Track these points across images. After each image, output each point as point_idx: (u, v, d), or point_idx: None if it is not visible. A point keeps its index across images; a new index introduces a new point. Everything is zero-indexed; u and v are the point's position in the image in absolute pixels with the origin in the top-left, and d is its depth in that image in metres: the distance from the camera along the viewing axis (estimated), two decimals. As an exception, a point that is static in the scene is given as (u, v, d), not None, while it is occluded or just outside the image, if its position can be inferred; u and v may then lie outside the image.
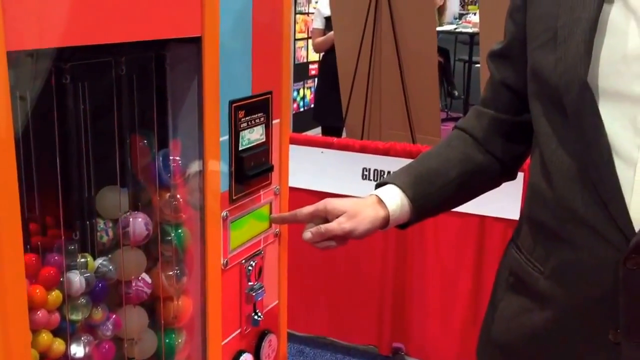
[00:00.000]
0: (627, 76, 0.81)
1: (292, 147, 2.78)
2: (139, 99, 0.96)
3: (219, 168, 1.03)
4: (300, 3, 4.96)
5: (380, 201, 1.01)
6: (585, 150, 0.83)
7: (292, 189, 1.24)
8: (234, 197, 1.07)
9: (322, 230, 0.99)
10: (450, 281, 2.39)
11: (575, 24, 0.84)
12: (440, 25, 6.69)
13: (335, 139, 2.47)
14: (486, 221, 2.28)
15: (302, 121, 4.90)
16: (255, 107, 1.12)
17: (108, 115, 0.92)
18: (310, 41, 4.21)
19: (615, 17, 0.82)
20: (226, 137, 1.05)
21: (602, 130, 0.81)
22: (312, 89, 4.53)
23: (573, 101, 0.83)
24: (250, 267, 1.14)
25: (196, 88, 1.00)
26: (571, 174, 0.85)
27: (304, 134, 4.98)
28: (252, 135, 1.12)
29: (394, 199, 1.01)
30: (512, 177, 1.10)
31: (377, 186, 1.05)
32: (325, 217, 1.01)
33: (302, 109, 5.07)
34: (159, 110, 0.99)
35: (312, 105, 4.18)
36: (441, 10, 6.59)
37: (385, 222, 1.01)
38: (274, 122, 1.17)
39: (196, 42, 0.97)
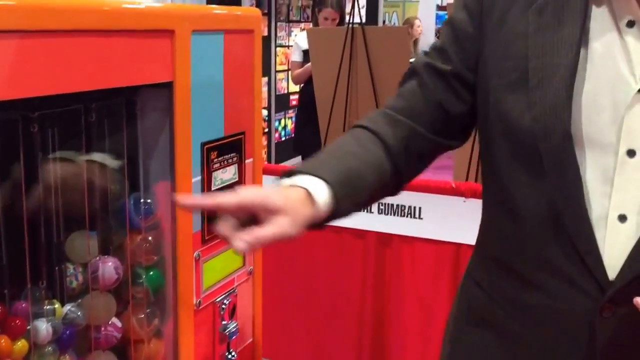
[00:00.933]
0: (599, 124, 0.81)
1: (270, 178, 2.79)
2: (109, 142, 0.97)
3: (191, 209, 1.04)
4: (280, 37, 5.03)
5: (309, 196, 0.83)
6: (563, 201, 0.82)
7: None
8: (206, 238, 1.08)
9: (261, 239, 0.75)
10: (427, 310, 2.39)
11: (552, 68, 0.82)
12: (416, 56, 6.83)
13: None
14: (462, 249, 2.30)
15: (283, 151, 4.94)
16: (228, 147, 1.14)
17: (78, 160, 0.93)
18: (290, 73, 4.26)
19: (588, 64, 0.82)
20: (198, 178, 1.07)
21: (580, 182, 0.81)
22: (293, 119, 4.58)
23: (552, 149, 0.81)
24: (223, 306, 1.14)
25: (168, 130, 1.02)
26: (545, 223, 0.83)
27: (286, 163, 5.03)
28: (225, 175, 1.13)
29: (324, 196, 0.83)
30: (398, 192, 1.00)
31: (290, 174, 0.86)
32: (252, 211, 0.78)
33: (283, 139, 5.12)
34: (130, 153, 1.00)
35: (293, 135, 4.22)
36: (416, 41, 6.72)
37: (309, 221, 0.83)
38: (246, 161, 1.19)
39: (167, 87, 0.99)
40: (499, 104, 0.88)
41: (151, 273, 1.02)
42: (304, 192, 0.83)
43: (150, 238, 1.02)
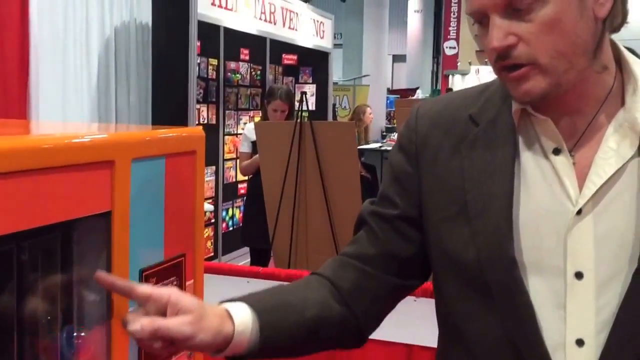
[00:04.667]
0: (542, 249, 0.83)
1: (217, 277, 2.73)
2: (42, 276, 0.94)
3: (127, 340, 1.00)
4: (229, 125, 5.09)
5: (229, 316, 0.85)
6: (517, 331, 0.82)
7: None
8: (142, 370, 1.04)
9: (156, 326, 0.78)
10: (380, 413, 2.34)
11: (489, 198, 0.85)
12: (367, 143, 7.01)
13: (261, 269, 2.47)
14: (413, 350, 2.28)
15: (231, 241, 4.87)
16: (167, 271, 1.12)
17: (6, 298, 0.89)
18: (238, 163, 4.29)
19: (524, 192, 0.85)
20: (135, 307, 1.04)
21: (532, 310, 0.82)
22: (241, 208, 4.57)
23: (500, 279, 0.83)
24: None
25: (105, 259, 1.00)
26: (502, 355, 0.84)
27: (232, 254, 4.96)
28: (164, 301, 1.11)
29: (244, 318, 0.85)
30: (362, 341, 0.99)
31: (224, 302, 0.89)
32: (161, 307, 0.81)
33: (231, 228, 5.07)
34: (64, 283, 0.97)
35: (241, 224, 4.19)
36: (367, 128, 6.93)
37: (227, 341, 0.84)
38: (187, 283, 1.17)
39: (105, 216, 0.98)
40: (442, 238, 0.90)
41: (83, 412, 0.97)
42: (224, 309, 0.86)
43: (83, 374, 0.97)
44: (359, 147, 6.57)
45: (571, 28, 0.79)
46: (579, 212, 0.82)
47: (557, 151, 0.85)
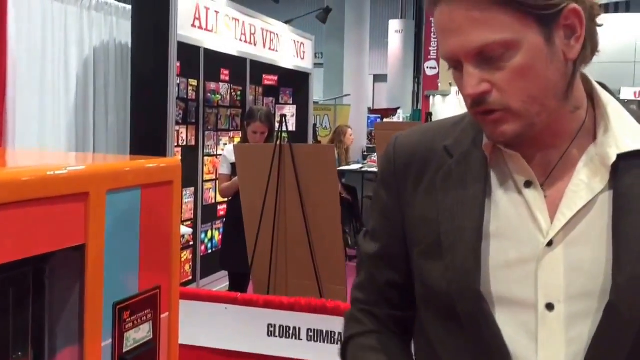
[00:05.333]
0: (512, 281, 0.84)
1: (195, 303, 2.69)
2: (13, 311, 0.92)
3: (99, 376, 0.98)
4: (208, 146, 5.06)
5: None
6: None
7: (196, 348, 1.19)
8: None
9: None
10: None
11: (459, 232, 0.86)
12: (348, 164, 7.03)
13: (239, 295, 2.44)
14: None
15: (209, 264, 4.80)
16: (142, 304, 1.10)
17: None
18: (218, 184, 4.26)
19: (495, 225, 0.86)
20: (109, 342, 1.02)
21: (501, 340, 0.83)
22: (221, 230, 4.51)
23: (468, 311, 0.84)
24: None
25: (78, 292, 0.98)
26: None
27: (211, 277, 4.89)
28: (138, 335, 1.09)
29: None
30: None
31: None
32: None
33: (209, 251, 5.01)
34: (35, 317, 0.95)
35: (220, 247, 4.15)
36: (348, 149, 6.94)
37: None
38: (162, 316, 1.15)
39: (79, 249, 0.96)
40: (420, 269, 0.92)
41: None
42: None
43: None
44: (339, 169, 6.58)
45: (542, 73, 0.80)
46: (550, 243, 0.83)
47: (528, 184, 0.86)
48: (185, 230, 4.30)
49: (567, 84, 0.83)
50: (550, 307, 0.82)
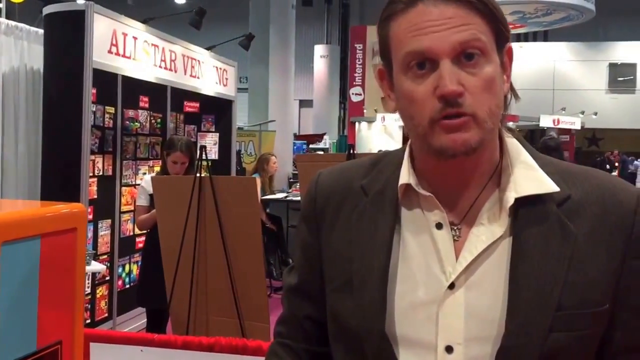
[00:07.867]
0: (415, 323, 0.85)
1: (109, 346, 2.55)
2: None
3: None
4: (126, 175, 4.90)
5: None
6: None
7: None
8: None
9: None
10: None
11: (368, 271, 0.87)
12: (272, 193, 6.96)
13: (155, 336, 2.34)
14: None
15: (128, 300, 4.59)
16: (41, 363, 1.02)
17: None
18: (135, 216, 4.10)
19: (402, 265, 0.87)
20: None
21: None
22: (139, 264, 4.34)
23: (374, 350, 0.85)
24: None
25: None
26: None
27: (129, 314, 4.67)
28: (36, 397, 1.01)
29: None
30: None
31: None
32: None
33: (127, 286, 4.80)
34: None
35: (138, 282, 3.98)
36: (272, 177, 6.88)
37: None
38: (64, 373, 1.07)
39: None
40: (332, 306, 0.92)
41: None
42: None
43: None
44: (263, 198, 6.50)
45: (499, 92, 0.85)
46: (452, 286, 0.84)
47: (439, 226, 0.87)
48: (99, 267, 4.09)
49: (502, 115, 0.87)
50: (449, 349, 0.83)
